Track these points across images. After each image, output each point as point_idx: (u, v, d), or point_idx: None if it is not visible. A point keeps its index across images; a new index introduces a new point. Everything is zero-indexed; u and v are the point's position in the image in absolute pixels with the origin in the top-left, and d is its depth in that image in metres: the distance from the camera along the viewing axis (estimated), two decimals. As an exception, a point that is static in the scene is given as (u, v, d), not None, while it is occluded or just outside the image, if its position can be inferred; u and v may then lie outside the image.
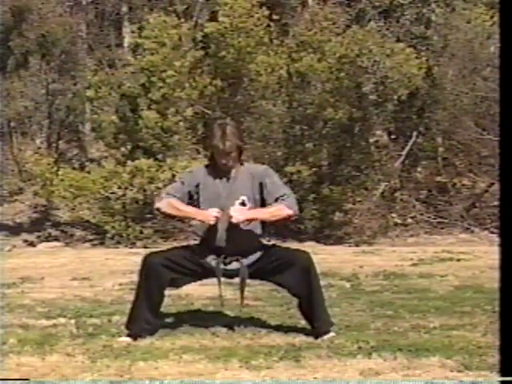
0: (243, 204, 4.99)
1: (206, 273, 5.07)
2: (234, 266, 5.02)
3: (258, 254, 5.03)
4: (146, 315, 4.98)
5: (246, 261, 5.00)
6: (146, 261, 4.97)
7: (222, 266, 5.00)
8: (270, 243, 5.51)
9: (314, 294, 5.01)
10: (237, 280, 5.12)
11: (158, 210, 5.11)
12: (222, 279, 5.09)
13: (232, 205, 4.92)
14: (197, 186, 5.03)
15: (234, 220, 4.85)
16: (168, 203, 5.01)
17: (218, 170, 5.02)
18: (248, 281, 5.62)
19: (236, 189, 4.99)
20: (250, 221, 4.93)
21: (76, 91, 20.12)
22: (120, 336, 5.01)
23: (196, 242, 5.18)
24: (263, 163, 9.77)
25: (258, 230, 5.06)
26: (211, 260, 5.00)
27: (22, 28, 19.43)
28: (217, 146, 4.90)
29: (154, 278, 4.93)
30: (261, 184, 4.99)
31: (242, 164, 5.08)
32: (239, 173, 5.01)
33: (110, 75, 17.60)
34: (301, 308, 5.12)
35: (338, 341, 4.83)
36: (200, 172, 5.13)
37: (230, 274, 5.08)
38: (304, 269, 4.95)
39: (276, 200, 4.95)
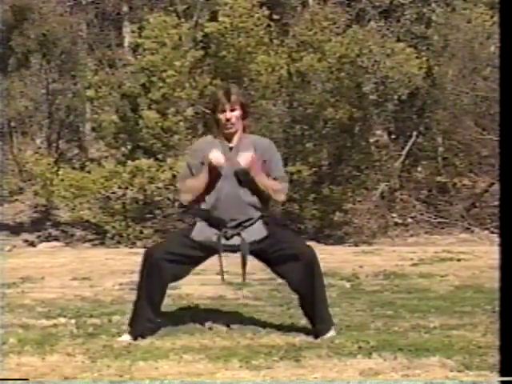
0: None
1: (208, 252, 4.96)
2: (236, 240, 4.88)
3: (262, 232, 4.89)
4: (149, 315, 4.96)
5: (248, 236, 4.87)
6: (147, 257, 4.88)
7: (223, 241, 4.87)
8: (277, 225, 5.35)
9: (316, 292, 4.94)
10: (236, 280, 5.12)
11: (187, 203, 5.06)
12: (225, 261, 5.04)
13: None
14: (202, 163, 4.83)
15: (241, 163, 4.70)
16: (184, 191, 5.00)
17: (220, 139, 4.87)
18: (248, 280, 5.62)
19: (235, 156, 4.79)
20: (251, 183, 4.78)
21: (76, 91, 20.11)
22: (120, 336, 5.00)
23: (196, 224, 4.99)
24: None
25: (258, 204, 4.89)
26: (212, 235, 4.87)
27: (24, 27, 19.41)
28: (221, 101, 4.75)
29: (157, 276, 4.86)
30: (263, 159, 4.83)
31: (245, 131, 4.92)
32: (242, 143, 4.84)
33: (110, 75, 17.58)
34: (302, 305, 5.07)
35: (338, 341, 4.83)
36: (201, 146, 5.02)
37: (232, 249, 4.94)
38: (308, 265, 4.88)
39: (274, 179, 4.86)
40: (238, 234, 4.85)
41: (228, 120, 4.76)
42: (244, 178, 4.78)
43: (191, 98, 16.27)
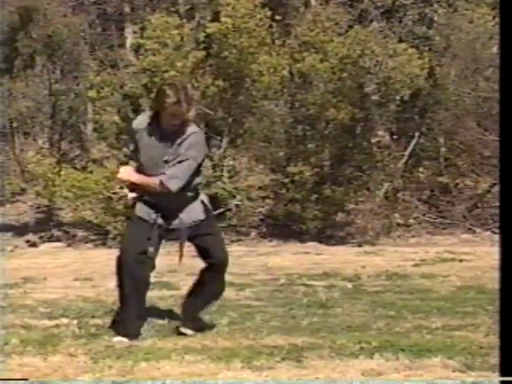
0: (166, 162, 5.06)
1: (166, 233, 5.26)
2: (175, 224, 5.19)
3: (200, 215, 5.22)
4: (140, 312, 5.08)
5: (187, 219, 5.17)
6: (121, 262, 5.04)
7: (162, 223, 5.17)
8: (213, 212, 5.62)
9: (205, 291, 5.28)
10: (238, 280, 5.16)
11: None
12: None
13: (159, 159, 5.07)
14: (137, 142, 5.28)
15: (118, 175, 5.26)
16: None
17: (161, 129, 5.07)
18: (249, 281, 5.67)
19: (165, 142, 5.07)
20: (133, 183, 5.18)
21: (78, 92, 20.09)
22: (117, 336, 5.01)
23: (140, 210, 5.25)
24: (265, 163, 9.81)
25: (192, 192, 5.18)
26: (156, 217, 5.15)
27: (29, 28, 19.41)
28: (172, 108, 4.90)
29: (136, 277, 5.01)
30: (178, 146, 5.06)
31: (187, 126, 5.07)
32: (184, 139, 5.04)
33: (112, 76, 17.56)
34: (188, 296, 5.41)
35: (340, 341, 4.84)
36: (140, 125, 5.30)
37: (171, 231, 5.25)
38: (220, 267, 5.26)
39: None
40: (177, 217, 5.17)
41: (174, 125, 5.01)
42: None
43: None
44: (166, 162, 5.02)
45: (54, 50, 19.78)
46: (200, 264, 5.26)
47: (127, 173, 5.21)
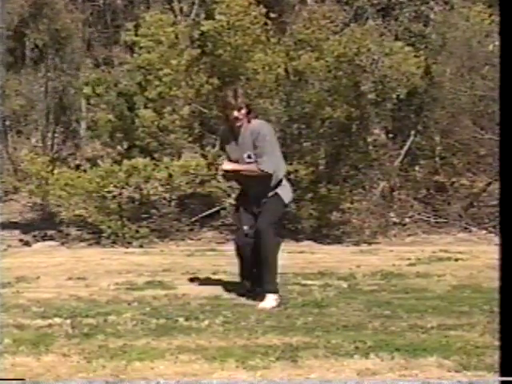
0: (249, 157, 6.39)
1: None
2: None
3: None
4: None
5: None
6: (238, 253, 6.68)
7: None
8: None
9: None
10: (233, 279, 5.46)
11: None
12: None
13: (242, 158, 6.41)
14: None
15: (223, 167, 6.58)
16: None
17: (232, 129, 6.43)
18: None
19: (242, 144, 6.41)
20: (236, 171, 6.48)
21: (72, 89, 20.01)
22: (115, 336, 5.00)
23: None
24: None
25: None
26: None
27: (38, 23, 19.36)
28: (229, 102, 6.24)
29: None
30: (256, 144, 6.34)
31: (249, 122, 6.39)
32: (245, 130, 6.36)
33: (106, 73, 17.49)
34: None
35: (335, 341, 4.85)
36: (223, 134, 6.85)
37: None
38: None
39: (255, 155, 6.35)
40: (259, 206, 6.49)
41: (236, 118, 6.30)
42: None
43: (188, 97, 16.18)
44: (249, 157, 6.37)
45: (63, 45, 19.73)
46: (197, 264, 5.26)
47: (231, 165, 6.48)
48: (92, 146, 20.29)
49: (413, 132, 17.77)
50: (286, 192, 6.58)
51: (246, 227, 6.45)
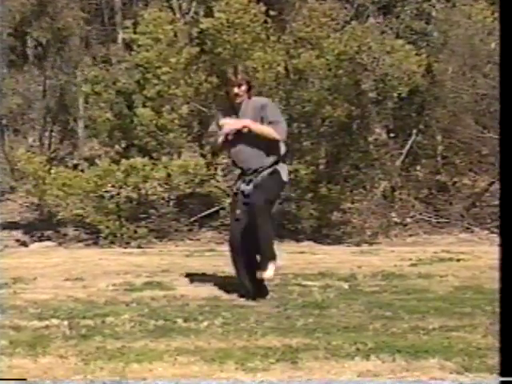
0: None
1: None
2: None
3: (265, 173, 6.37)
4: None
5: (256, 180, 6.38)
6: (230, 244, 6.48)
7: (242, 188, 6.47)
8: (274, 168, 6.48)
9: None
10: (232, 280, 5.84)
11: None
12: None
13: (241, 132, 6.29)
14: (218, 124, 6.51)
15: (226, 127, 6.32)
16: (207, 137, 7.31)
17: (232, 105, 6.42)
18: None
19: (242, 118, 6.33)
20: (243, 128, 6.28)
21: (70, 88, 19.95)
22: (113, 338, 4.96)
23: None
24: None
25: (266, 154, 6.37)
26: (239, 185, 6.53)
27: (40, 21, 19.31)
28: (230, 78, 6.40)
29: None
30: (261, 117, 6.28)
31: (250, 98, 6.40)
32: (246, 106, 6.36)
33: (104, 71, 17.40)
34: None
35: (335, 342, 4.81)
36: (218, 114, 6.70)
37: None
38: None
39: (269, 123, 6.25)
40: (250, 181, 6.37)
41: (236, 94, 6.33)
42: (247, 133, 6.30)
43: (186, 96, 16.10)
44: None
45: (63, 43, 19.69)
46: (196, 265, 5.25)
47: (244, 121, 6.30)
48: (90, 145, 20.27)
49: (414, 131, 17.72)
50: (284, 170, 6.46)
51: (238, 211, 6.37)
